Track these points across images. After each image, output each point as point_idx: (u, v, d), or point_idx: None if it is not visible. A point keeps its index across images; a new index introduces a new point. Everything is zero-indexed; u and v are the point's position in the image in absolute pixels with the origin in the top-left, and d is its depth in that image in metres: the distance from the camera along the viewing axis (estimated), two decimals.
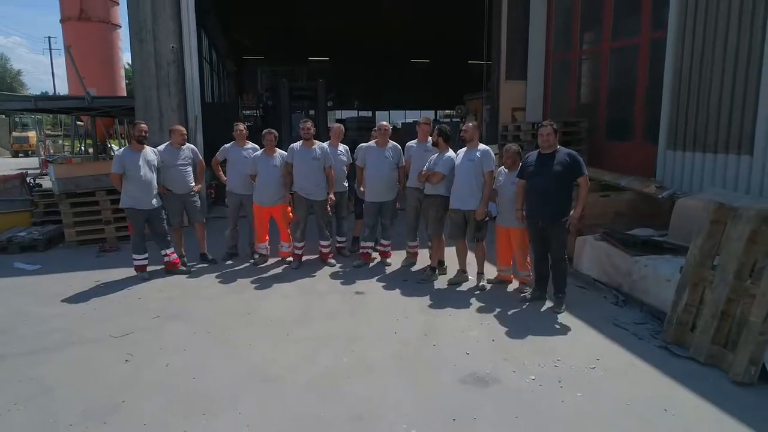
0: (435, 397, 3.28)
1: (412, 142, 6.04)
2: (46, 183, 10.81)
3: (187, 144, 6.17)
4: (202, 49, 13.51)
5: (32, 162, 25.08)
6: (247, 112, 24.15)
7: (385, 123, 6.19)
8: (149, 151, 5.58)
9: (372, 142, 6.15)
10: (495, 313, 4.69)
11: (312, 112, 11.17)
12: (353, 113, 33.18)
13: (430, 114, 38.17)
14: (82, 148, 23.48)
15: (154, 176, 5.58)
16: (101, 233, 7.28)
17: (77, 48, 19.76)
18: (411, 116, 41.28)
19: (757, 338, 3.36)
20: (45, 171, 18.70)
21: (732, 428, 2.97)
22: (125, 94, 20.61)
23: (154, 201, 5.56)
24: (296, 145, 6.01)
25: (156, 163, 5.62)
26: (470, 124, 5.41)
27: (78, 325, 4.51)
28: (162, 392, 3.36)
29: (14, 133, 30.68)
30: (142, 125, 5.57)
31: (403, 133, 18.30)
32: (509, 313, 4.69)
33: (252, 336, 4.26)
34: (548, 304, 4.82)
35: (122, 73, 21.68)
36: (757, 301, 3.42)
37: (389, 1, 16.27)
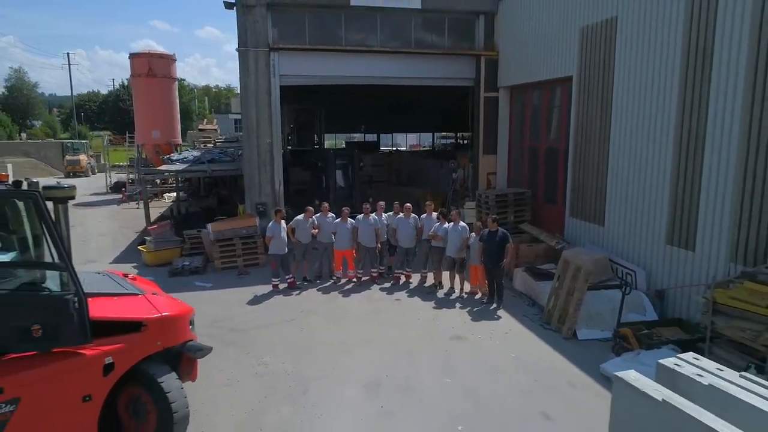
0: (439, 344, 8.03)
1: (424, 215, 10.78)
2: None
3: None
4: None
5: (93, 185, 29.39)
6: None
7: (409, 204, 10.92)
8: (283, 223, 10.34)
9: (401, 215, 10.87)
10: (467, 309, 9.46)
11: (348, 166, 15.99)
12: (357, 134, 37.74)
13: (428, 135, 42.91)
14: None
15: (286, 236, 10.33)
16: (234, 263, 12.01)
17: (146, 100, 24.54)
18: (411, 138, 46.07)
19: (572, 318, 8.14)
20: (124, 199, 23.36)
21: (553, 355, 7.72)
22: (180, 134, 25.36)
23: (285, 249, 10.32)
24: (360, 216, 10.77)
25: (285, 227, 10.37)
26: (454, 211, 10.23)
27: (264, 315, 9.24)
28: (327, 343, 8.08)
29: (67, 157, 35.26)
30: (283, 211, 10.34)
31: (406, 157, 23.24)
32: (474, 309, 9.46)
33: (352, 321, 9.00)
34: (494, 305, 9.59)
35: (177, 117, 26.41)
36: (571, 304, 8.20)
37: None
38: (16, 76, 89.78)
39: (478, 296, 10.11)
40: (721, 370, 3.72)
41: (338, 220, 10.86)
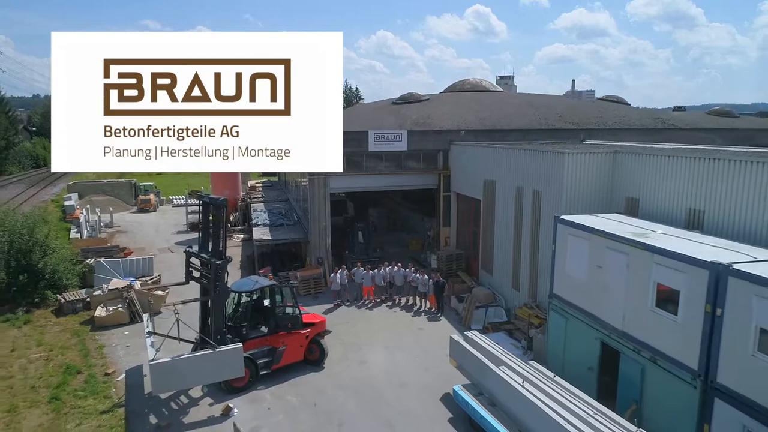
0: (413, 331, 19.10)
1: (409, 270, 21.76)
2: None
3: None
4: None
5: (168, 221, 39.69)
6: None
7: (400, 264, 21.95)
8: (338, 273, 21.34)
9: (397, 268, 21.85)
10: (427, 316, 20.54)
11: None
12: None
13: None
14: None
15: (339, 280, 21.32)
16: (309, 292, 22.91)
17: (221, 186, 35.34)
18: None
19: (469, 320, 19.18)
20: None
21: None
22: (241, 190, 36.19)
23: (339, 286, 21.32)
24: (377, 269, 21.77)
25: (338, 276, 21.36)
26: (422, 270, 21.27)
27: (333, 319, 20.06)
28: (365, 331, 19.08)
29: (141, 197, 45.93)
30: (338, 268, 21.31)
31: (398, 202, 34.56)
32: (429, 316, 20.54)
33: (375, 322, 20.03)
34: (439, 314, 20.61)
35: (240, 178, 37.31)
36: (469, 314, 19.24)
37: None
38: (47, 103, 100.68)
39: (432, 310, 21.07)
40: (481, 337, 14.71)
41: (365, 271, 21.82)
